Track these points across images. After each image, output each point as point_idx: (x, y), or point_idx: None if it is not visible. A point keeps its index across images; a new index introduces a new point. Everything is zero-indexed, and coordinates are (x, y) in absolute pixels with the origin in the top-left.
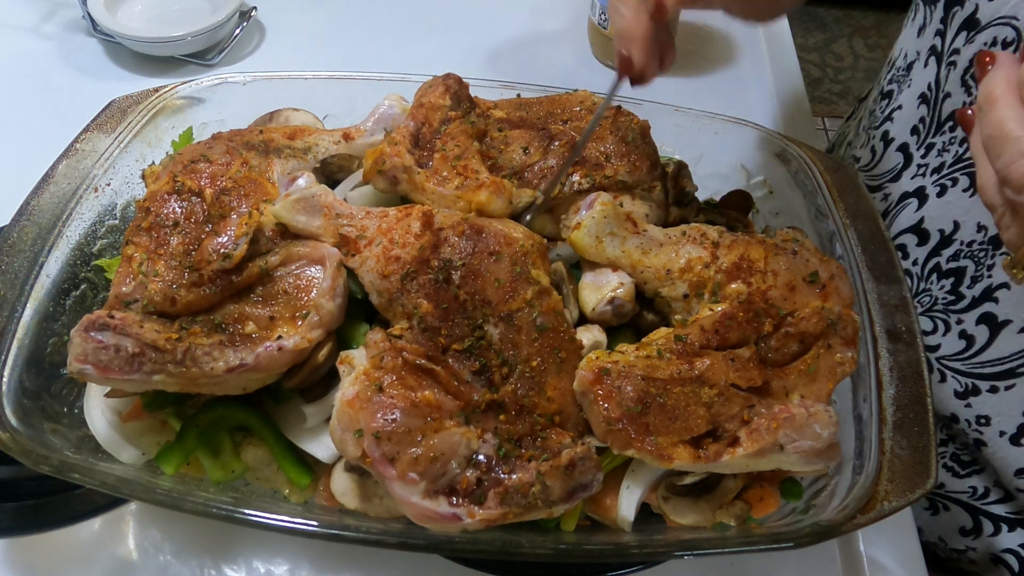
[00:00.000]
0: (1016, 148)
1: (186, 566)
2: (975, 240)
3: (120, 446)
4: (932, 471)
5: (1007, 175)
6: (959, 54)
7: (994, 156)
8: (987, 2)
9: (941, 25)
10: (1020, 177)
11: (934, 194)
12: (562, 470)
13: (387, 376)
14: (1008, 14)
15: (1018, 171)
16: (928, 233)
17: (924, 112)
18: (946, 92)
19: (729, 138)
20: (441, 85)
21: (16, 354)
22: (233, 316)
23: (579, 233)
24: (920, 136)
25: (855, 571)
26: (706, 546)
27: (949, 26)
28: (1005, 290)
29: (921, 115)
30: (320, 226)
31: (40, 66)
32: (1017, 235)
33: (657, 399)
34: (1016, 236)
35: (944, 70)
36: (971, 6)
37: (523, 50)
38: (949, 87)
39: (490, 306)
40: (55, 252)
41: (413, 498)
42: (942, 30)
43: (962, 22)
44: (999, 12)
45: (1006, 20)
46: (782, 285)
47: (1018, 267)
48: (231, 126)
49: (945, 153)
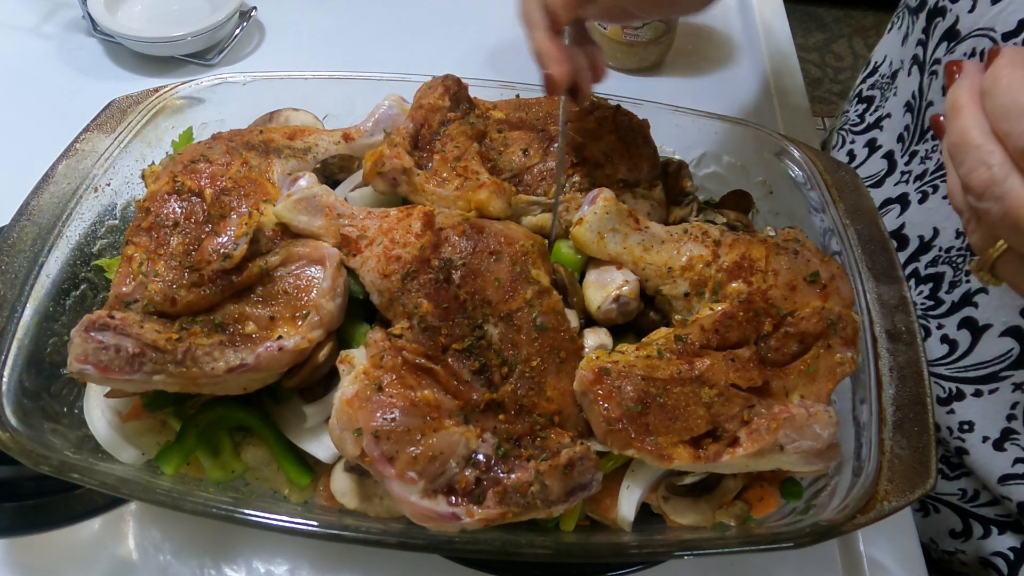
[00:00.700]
0: (976, 156)
1: (186, 566)
2: (953, 246)
3: (120, 446)
4: (932, 471)
5: (968, 182)
6: (940, 64)
7: (957, 163)
8: (967, 14)
9: (923, 35)
10: (980, 184)
11: (916, 200)
12: (561, 470)
13: (387, 375)
14: (986, 26)
15: (978, 178)
16: (908, 238)
17: (909, 120)
18: (929, 100)
19: (729, 138)
20: (440, 86)
21: (16, 354)
22: (233, 316)
23: (581, 228)
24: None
25: (855, 571)
26: (706, 546)
27: (931, 36)
28: (984, 295)
29: (906, 123)
30: (321, 226)
31: (40, 66)
32: (981, 239)
33: (657, 399)
34: (980, 240)
35: (927, 79)
36: (952, 18)
37: (523, 50)
38: (932, 95)
39: (490, 306)
40: (55, 252)
41: (412, 497)
42: (924, 40)
43: (943, 33)
44: (977, 24)
45: (984, 32)
46: (783, 285)
47: (984, 270)
48: (231, 126)
49: (928, 160)
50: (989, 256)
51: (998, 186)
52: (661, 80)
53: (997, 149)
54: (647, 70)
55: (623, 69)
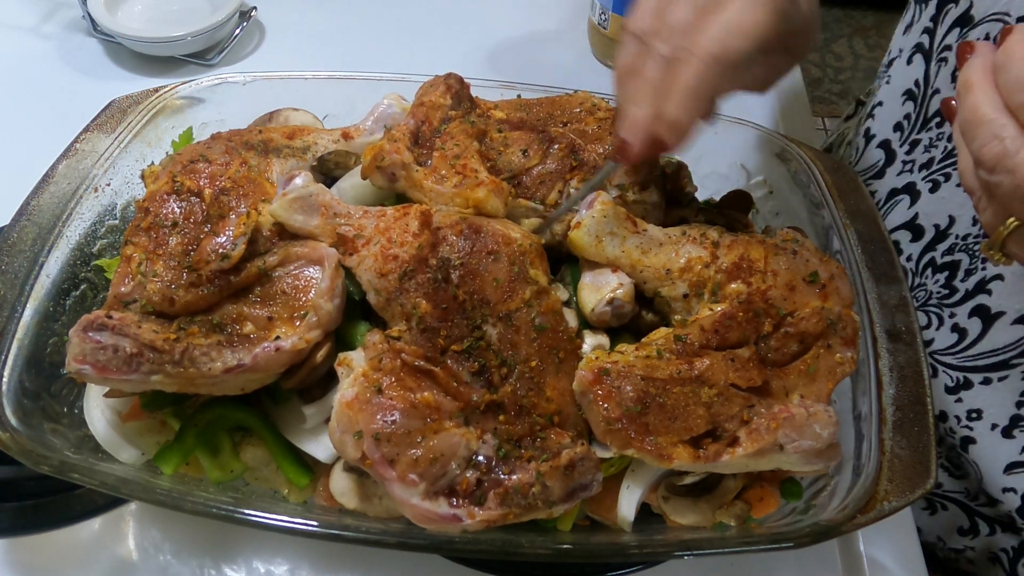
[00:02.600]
0: (989, 130)
1: (186, 566)
2: (970, 233)
3: (120, 446)
4: (932, 471)
5: (980, 156)
6: (951, 50)
7: (969, 139)
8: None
9: (931, 23)
10: (992, 157)
11: (926, 190)
12: (562, 470)
13: (386, 378)
14: (1001, 10)
15: (990, 152)
16: (923, 229)
17: (910, 108)
18: (935, 88)
19: (729, 138)
20: (443, 84)
21: (16, 354)
22: (231, 316)
23: (579, 232)
24: (904, 132)
25: (855, 571)
26: (706, 546)
27: (940, 23)
28: (999, 281)
29: (906, 112)
30: (317, 225)
31: (40, 66)
32: (993, 216)
33: (657, 399)
34: (992, 217)
35: (934, 66)
36: (965, 3)
37: (523, 50)
38: (939, 83)
39: (488, 306)
40: (55, 252)
41: (413, 499)
42: (931, 27)
43: (955, 19)
44: (993, 8)
45: (999, 16)
46: (782, 285)
47: (995, 248)
48: (231, 126)
49: (933, 149)
50: (1000, 234)
51: (1010, 159)
52: None
53: (1010, 122)
54: None
55: None
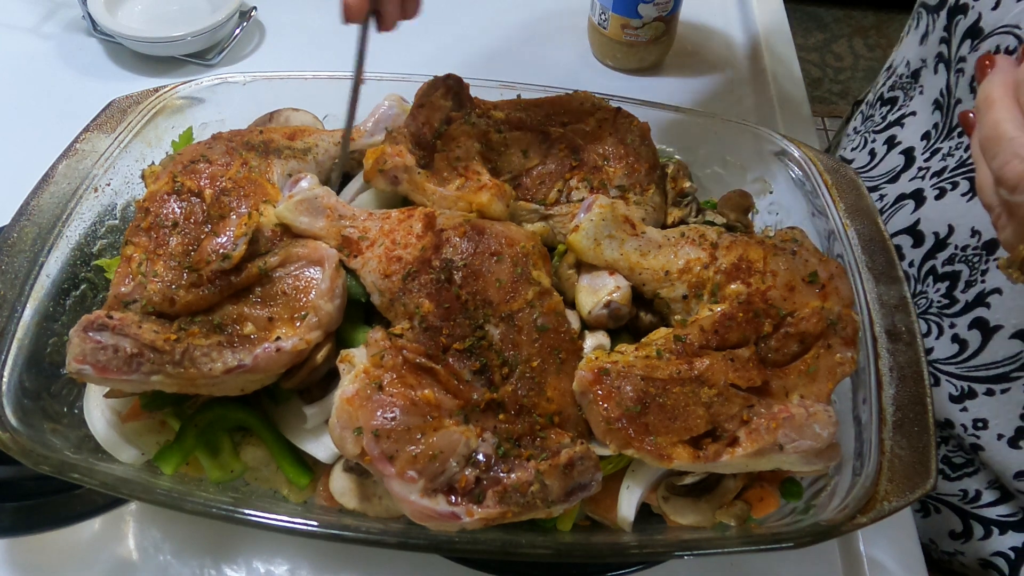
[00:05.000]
0: (1010, 149)
1: (186, 566)
2: (969, 245)
3: (120, 446)
4: (932, 471)
5: (1001, 175)
6: (965, 61)
7: (990, 157)
8: (990, 11)
9: (945, 33)
10: (1014, 177)
11: (932, 196)
12: (561, 470)
13: (387, 374)
14: (1010, 23)
15: (1012, 171)
16: (923, 235)
17: (938, 118)
18: (957, 98)
19: (729, 138)
20: (442, 85)
21: (16, 354)
22: (232, 317)
23: (577, 235)
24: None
25: (855, 571)
26: (706, 546)
27: (953, 34)
28: (997, 295)
29: (935, 120)
30: (323, 227)
31: (40, 66)
32: (1013, 235)
33: (656, 399)
34: (1012, 236)
35: (954, 76)
36: (974, 15)
37: (523, 50)
38: (959, 93)
39: (491, 306)
40: (55, 252)
41: (412, 496)
42: (947, 38)
43: (965, 31)
44: (1001, 21)
45: (1008, 29)
46: (781, 285)
47: (1013, 267)
48: (231, 126)
49: (949, 158)
50: (1020, 253)
51: None
52: (661, 80)
53: None
54: (647, 70)
55: (623, 69)
